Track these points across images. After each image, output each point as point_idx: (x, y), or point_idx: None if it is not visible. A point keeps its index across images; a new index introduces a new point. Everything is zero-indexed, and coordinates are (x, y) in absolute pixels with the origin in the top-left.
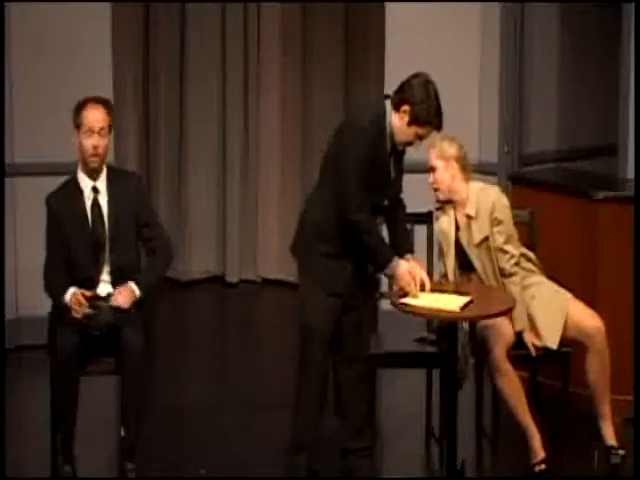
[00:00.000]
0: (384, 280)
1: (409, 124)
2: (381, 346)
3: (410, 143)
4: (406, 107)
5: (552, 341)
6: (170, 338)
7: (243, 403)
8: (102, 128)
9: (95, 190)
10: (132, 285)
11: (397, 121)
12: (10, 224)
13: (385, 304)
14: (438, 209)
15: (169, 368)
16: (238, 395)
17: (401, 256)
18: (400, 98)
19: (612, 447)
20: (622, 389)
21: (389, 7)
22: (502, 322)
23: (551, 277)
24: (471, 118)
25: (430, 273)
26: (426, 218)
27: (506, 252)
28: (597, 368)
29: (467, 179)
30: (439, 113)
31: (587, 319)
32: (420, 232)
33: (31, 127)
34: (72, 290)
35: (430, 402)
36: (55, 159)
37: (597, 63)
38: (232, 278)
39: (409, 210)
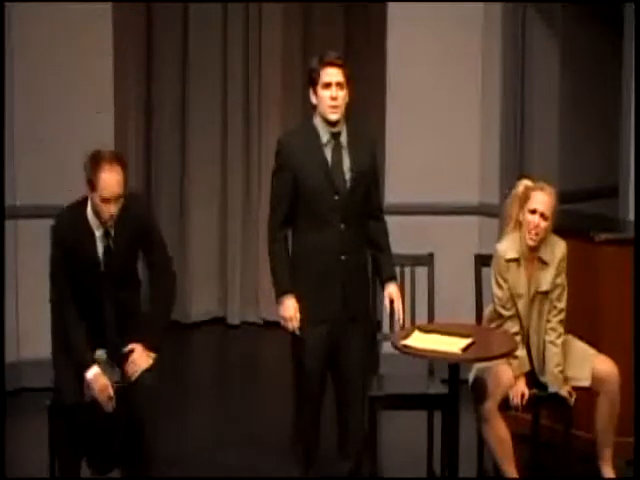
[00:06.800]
0: (385, 321)
1: (314, 88)
2: (382, 388)
3: (334, 106)
4: (310, 89)
5: (585, 378)
6: (172, 379)
7: (245, 443)
8: (119, 196)
9: (107, 232)
10: (144, 352)
11: (316, 103)
12: (11, 266)
13: (387, 346)
14: (512, 260)
15: (171, 409)
16: (240, 436)
17: (384, 283)
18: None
19: None
20: (624, 431)
21: (390, 7)
22: (502, 368)
23: None
24: (472, 160)
25: (431, 315)
26: (427, 260)
27: (555, 307)
28: (606, 413)
29: None
30: (324, 54)
31: (601, 364)
32: (421, 274)
33: (33, 169)
34: (95, 371)
35: (432, 442)
36: (57, 201)
37: (598, 106)
38: (233, 320)
39: (410, 252)
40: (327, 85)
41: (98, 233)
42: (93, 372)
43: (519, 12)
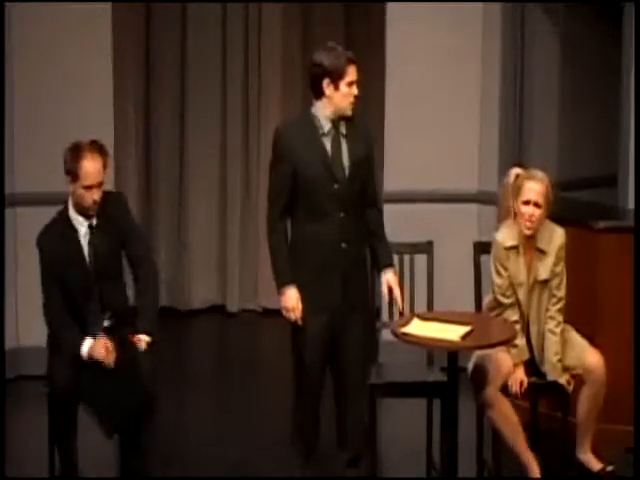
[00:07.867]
0: (384, 310)
1: (335, 83)
2: (382, 376)
3: (353, 103)
4: (325, 80)
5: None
6: (171, 367)
7: (244, 436)
8: (101, 183)
9: (91, 227)
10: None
11: (330, 96)
12: (11, 254)
13: (386, 334)
14: (511, 248)
15: (170, 397)
16: (238, 426)
17: (381, 271)
18: (312, 84)
19: (601, 469)
20: (622, 419)
21: (389, 7)
22: (502, 356)
23: None
24: (471, 147)
25: (431, 303)
26: (426, 248)
27: (554, 295)
28: (590, 403)
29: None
30: (345, 52)
31: (590, 356)
32: (420, 262)
33: (31, 157)
34: (90, 341)
35: (431, 432)
36: (56, 188)
37: (597, 95)
38: (233, 308)
39: (409, 240)
40: (352, 83)
41: (82, 230)
42: (89, 342)
43: (518, 9)
